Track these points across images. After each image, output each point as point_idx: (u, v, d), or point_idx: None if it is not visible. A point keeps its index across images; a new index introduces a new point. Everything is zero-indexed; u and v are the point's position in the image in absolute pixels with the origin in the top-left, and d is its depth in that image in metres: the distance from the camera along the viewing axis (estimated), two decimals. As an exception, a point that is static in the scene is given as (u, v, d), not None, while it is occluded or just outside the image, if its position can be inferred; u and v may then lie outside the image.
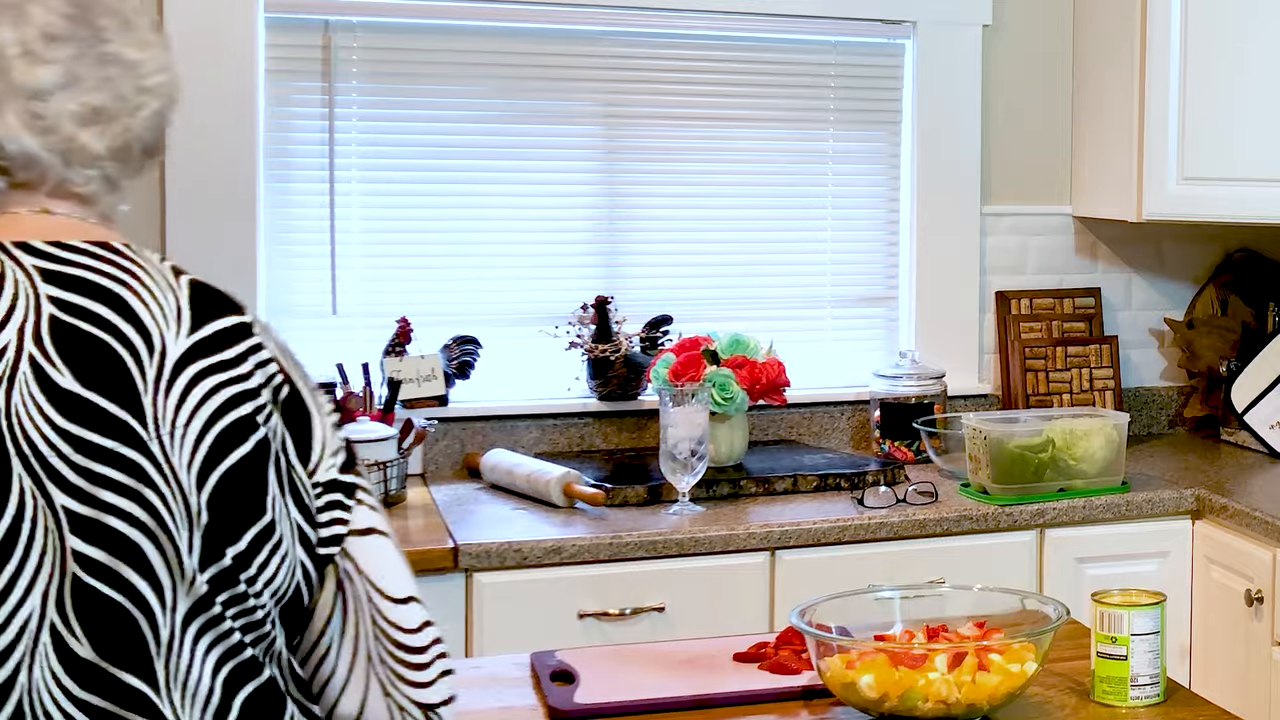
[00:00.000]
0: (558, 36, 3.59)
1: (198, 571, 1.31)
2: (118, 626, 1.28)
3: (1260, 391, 3.73)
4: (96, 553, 1.27)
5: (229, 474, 1.32)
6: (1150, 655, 1.99)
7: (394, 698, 1.43)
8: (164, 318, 1.34)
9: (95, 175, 1.40)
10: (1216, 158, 3.56)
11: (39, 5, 1.36)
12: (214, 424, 1.32)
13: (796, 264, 3.82)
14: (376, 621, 1.42)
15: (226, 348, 1.36)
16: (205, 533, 1.31)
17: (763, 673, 2.08)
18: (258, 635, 1.36)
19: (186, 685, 1.31)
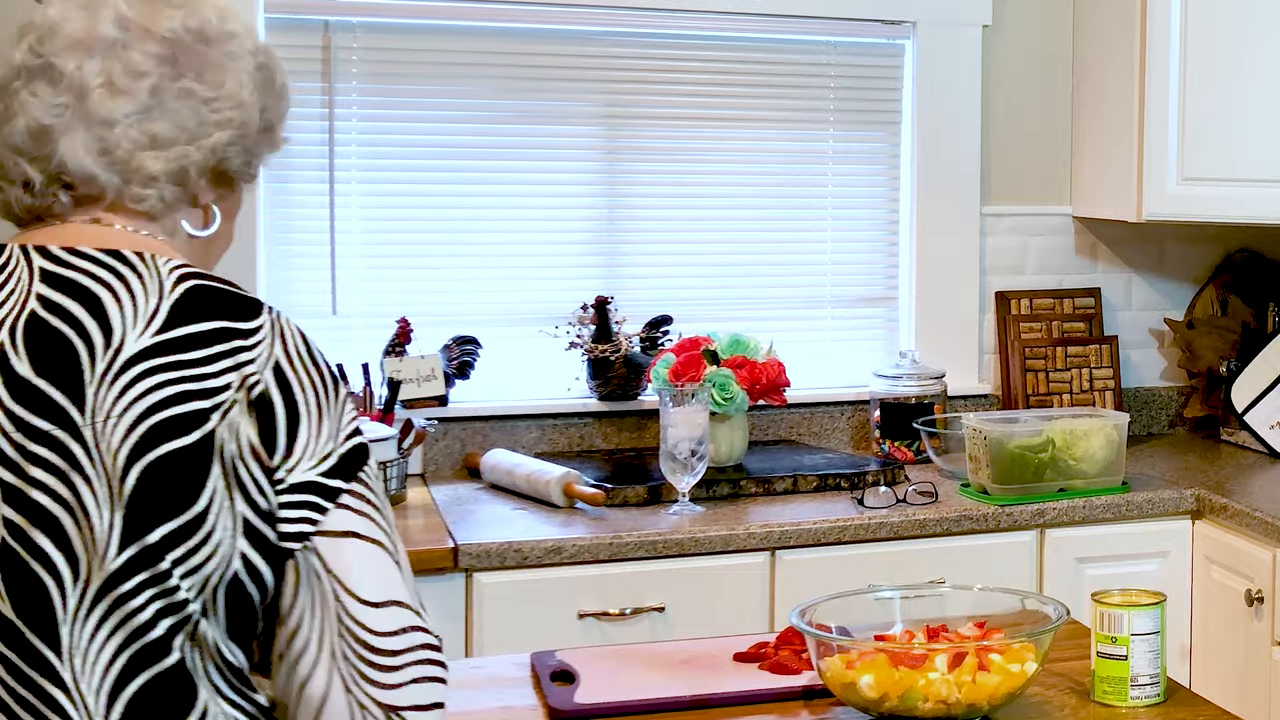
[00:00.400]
0: (557, 36, 3.59)
1: (116, 550, 1.39)
2: (31, 590, 1.39)
3: (1260, 391, 3.73)
4: (20, 520, 1.39)
5: (157, 463, 1.40)
6: (1150, 655, 1.99)
7: (355, 695, 1.46)
8: (133, 318, 1.44)
9: (152, 194, 1.52)
10: (1216, 158, 3.56)
11: (137, 50, 1.50)
12: (150, 416, 1.40)
13: (796, 264, 3.82)
14: (342, 619, 1.46)
15: (195, 349, 1.44)
16: (126, 515, 1.39)
17: (763, 673, 2.08)
18: (178, 619, 1.41)
19: (88, 655, 1.39)
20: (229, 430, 1.42)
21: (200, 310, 1.46)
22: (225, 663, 1.46)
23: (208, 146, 1.54)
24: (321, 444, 1.47)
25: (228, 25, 1.56)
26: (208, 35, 1.54)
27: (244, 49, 1.57)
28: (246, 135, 1.57)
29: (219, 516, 1.42)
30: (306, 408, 1.47)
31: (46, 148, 1.49)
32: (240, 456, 1.43)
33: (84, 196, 1.51)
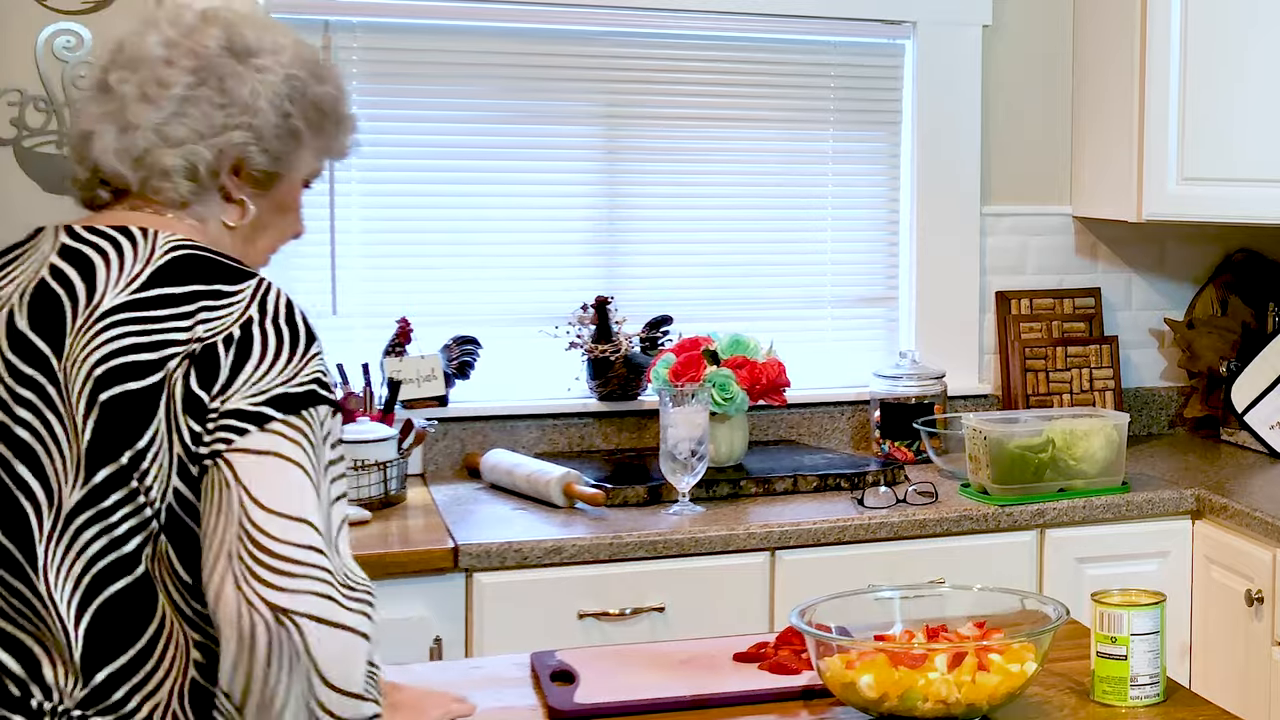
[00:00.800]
0: (558, 36, 3.59)
1: (79, 477, 1.60)
2: (14, 514, 1.61)
3: (1260, 391, 3.73)
4: (7, 453, 1.62)
5: (109, 403, 1.60)
6: (1150, 655, 1.99)
7: (244, 591, 1.53)
8: (117, 280, 1.66)
9: (168, 186, 1.74)
10: (1216, 158, 3.56)
11: (175, 69, 1.74)
12: (106, 362, 1.61)
13: (796, 264, 3.82)
14: (242, 523, 1.56)
15: (164, 307, 1.63)
16: (87, 448, 1.60)
17: (763, 673, 2.08)
18: (145, 535, 1.61)
19: (60, 570, 1.60)
20: (182, 375, 1.60)
21: (181, 275, 1.66)
22: (179, 579, 1.61)
23: (217, 146, 1.74)
24: (264, 383, 1.61)
25: (264, 43, 1.78)
26: (238, 51, 1.76)
27: (277, 63, 1.77)
28: (262, 138, 1.76)
29: (161, 449, 1.60)
30: (260, 354, 1.62)
31: (87, 150, 1.75)
32: (189, 393, 1.60)
33: (118, 190, 1.75)
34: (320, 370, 1.65)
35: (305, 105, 1.80)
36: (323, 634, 1.54)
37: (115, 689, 1.61)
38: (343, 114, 1.86)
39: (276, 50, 1.79)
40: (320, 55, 1.85)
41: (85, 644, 1.60)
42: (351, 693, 1.57)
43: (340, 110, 1.86)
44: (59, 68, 3.22)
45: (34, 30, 3.20)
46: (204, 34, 1.76)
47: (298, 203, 1.86)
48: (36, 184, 3.22)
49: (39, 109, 3.21)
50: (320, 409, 1.63)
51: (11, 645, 1.62)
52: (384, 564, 2.76)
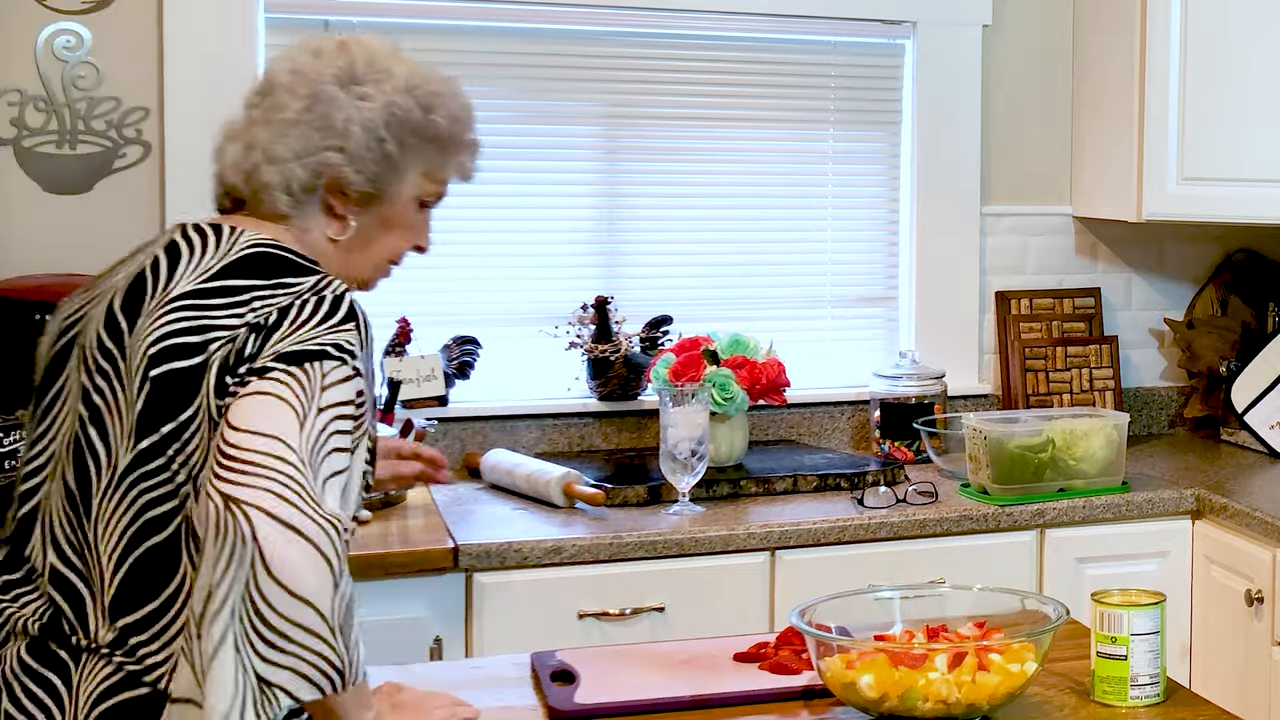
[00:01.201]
0: (558, 36, 3.59)
1: (134, 441, 1.78)
2: (82, 468, 1.82)
3: (1260, 391, 3.73)
4: (86, 415, 1.83)
5: (160, 379, 1.78)
6: (1150, 655, 1.99)
7: (205, 490, 1.68)
8: (193, 271, 1.85)
9: (267, 199, 1.94)
10: (1216, 158, 3.56)
11: (293, 95, 1.95)
12: (161, 342, 1.79)
13: (796, 264, 3.82)
14: (217, 445, 1.70)
15: (223, 296, 1.81)
16: (138, 416, 1.79)
17: (763, 673, 2.08)
18: (176, 502, 1.78)
19: (108, 525, 1.79)
20: (227, 355, 1.77)
21: (247, 270, 1.84)
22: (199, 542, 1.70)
23: (312, 166, 1.93)
24: (282, 345, 1.76)
25: (372, 72, 1.97)
26: (346, 80, 1.95)
27: (379, 91, 1.95)
28: (355, 161, 1.94)
29: (202, 427, 1.77)
30: (290, 322, 1.78)
31: (218, 163, 1.99)
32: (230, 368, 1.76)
33: (237, 200, 1.97)
34: (346, 340, 1.78)
35: (403, 132, 1.96)
36: (272, 529, 1.61)
37: (136, 634, 1.78)
38: (453, 140, 2.01)
39: (383, 79, 1.96)
40: (438, 85, 2.00)
41: (116, 592, 1.78)
42: (300, 595, 1.61)
43: (449, 137, 2.00)
44: (59, 68, 3.22)
45: (34, 30, 3.20)
46: (327, 63, 1.96)
47: (409, 220, 2.03)
48: (36, 184, 3.22)
49: (39, 109, 3.21)
50: (326, 363, 1.75)
51: (66, 588, 1.82)
52: (384, 564, 2.76)
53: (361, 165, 1.95)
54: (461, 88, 2.08)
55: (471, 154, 2.07)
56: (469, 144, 2.06)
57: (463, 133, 2.04)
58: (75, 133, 3.23)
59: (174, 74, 3.27)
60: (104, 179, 3.26)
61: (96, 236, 3.23)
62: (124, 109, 3.26)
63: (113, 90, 3.26)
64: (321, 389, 1.73)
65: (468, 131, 2.05)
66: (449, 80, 2.07)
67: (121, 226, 3.25)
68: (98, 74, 3.24)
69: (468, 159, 2.07)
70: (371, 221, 2.00)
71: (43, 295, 2.95)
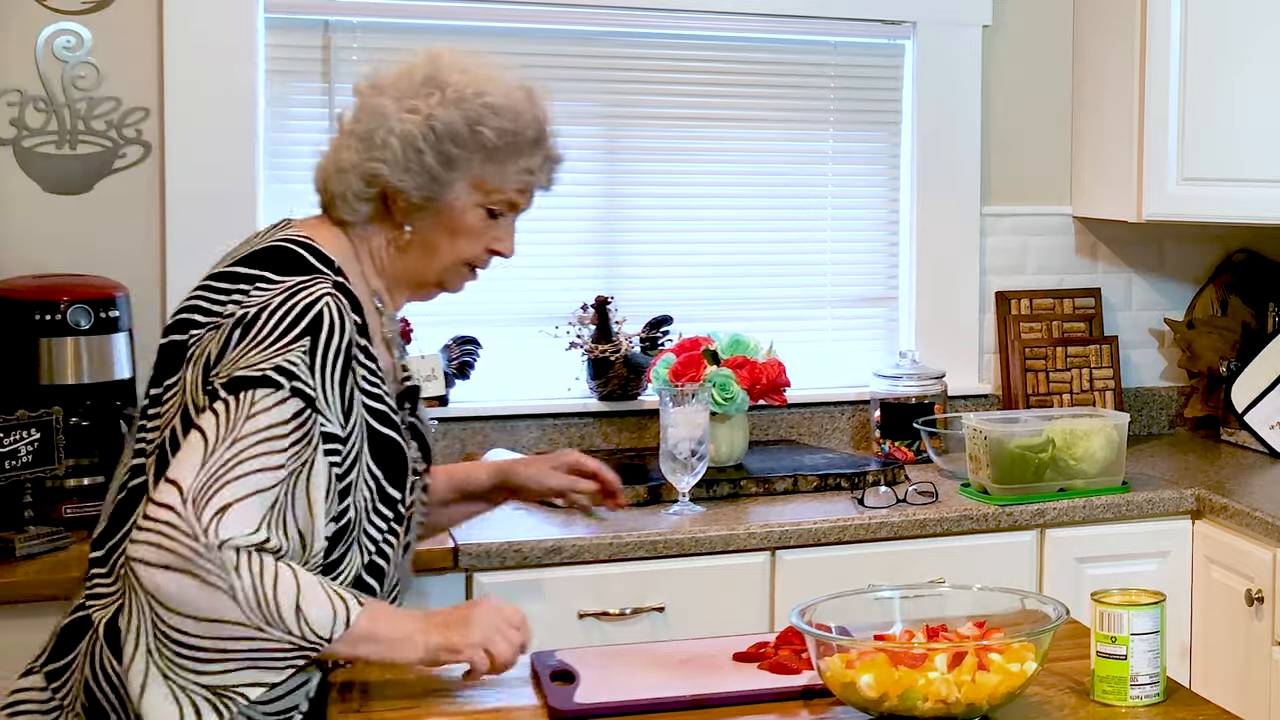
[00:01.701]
0: (558, 37, 3.59)
1: (145, 397, 2.05)
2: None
3: (1260, 391, 3.72)
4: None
5: (164, 346, 2.04)
6: (1150, 655, 1.99)
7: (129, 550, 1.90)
8: (230, 257, 2.08)
9: (334, 205, 2.13)
10: (1216, 158, 3.56)
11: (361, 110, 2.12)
12: (176, 315, 2.05)
13: (796, 264, 3.82)
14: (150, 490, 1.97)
15: (227, 282, 2.03)
16: (150, 377, 2.05)
17: (763, 672, 2.08)
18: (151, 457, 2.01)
19: (123, 460, 2.07)
20: (203, 339, 1.99)
21: (261, 262, 2.03)
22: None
23: (362, 176, 2.07)
24: (239, 362, 1.93)
25: (429, 85, 2.07)
26: (403, 94, 2.08)
27: (426, 105, 2.06)
28: (399, 171, 2.06)
29: (174, 398, 1.99)
30: (253, 337, 1.95)
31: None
32: (206, 358, 1.97)
33: (324, 203, 2.15)
34: (289, 360, 1.93)
35: (445, 144, 2.06)
36: (154, 574, 1.85)
37: (98, 566, 2.02)
38: (505, 151, 2.08)
39: (434, 92, 2.07)
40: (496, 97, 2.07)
41: (102, 529, 2.04)
42: (204, 618, 1.85)
43: (499, 149, 2.07)
44: (59, 68, 3.22)
45: (34, 30, 3.20)
46: (399, 75, 2.09)
47: (473, 227, 2.11)
48: (36, 184, 3.22)
49: (39, 109, 3.21)
50: (258, 392, 1.91)
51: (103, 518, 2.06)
52: (384, 564, 2.75)
53: (405, 176, 2.06)
54: (531, 99, 2.12)
55: (534, 164, 2.12)
56: (528, 154, 2.11)
57: (519, 144, 2.09)
58: (75, 133, 3.23)
59: (174, 74, 3.27)
60: (104, 179, 3.26)
61: (96, 236, 3.23)
62: (124, 109, 3.26)
63: (113, 90, 3.26)
64: (246, 417, 1.90)
65: (526, 143, 2.10)
66: (514, 92, 2.11)
67: (121, 226, 3.26)
68: (98, 74, 3.24)
69: (529, 169, 2.12)
70: (431, 228, 2.11)
71: (43, 295, 2.95)
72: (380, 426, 2.06)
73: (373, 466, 2.05)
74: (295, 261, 2.03)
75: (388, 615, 1.98)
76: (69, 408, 2.88)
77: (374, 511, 2.06)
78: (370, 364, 2.05)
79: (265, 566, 1.87)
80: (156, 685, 1.86)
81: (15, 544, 2.71)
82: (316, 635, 1.89)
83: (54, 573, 2.67)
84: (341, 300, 2.01)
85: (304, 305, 1.96)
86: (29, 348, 2.92)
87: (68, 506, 2.91)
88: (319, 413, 1.95)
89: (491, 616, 2.02)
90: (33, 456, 2.76)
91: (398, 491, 2.09)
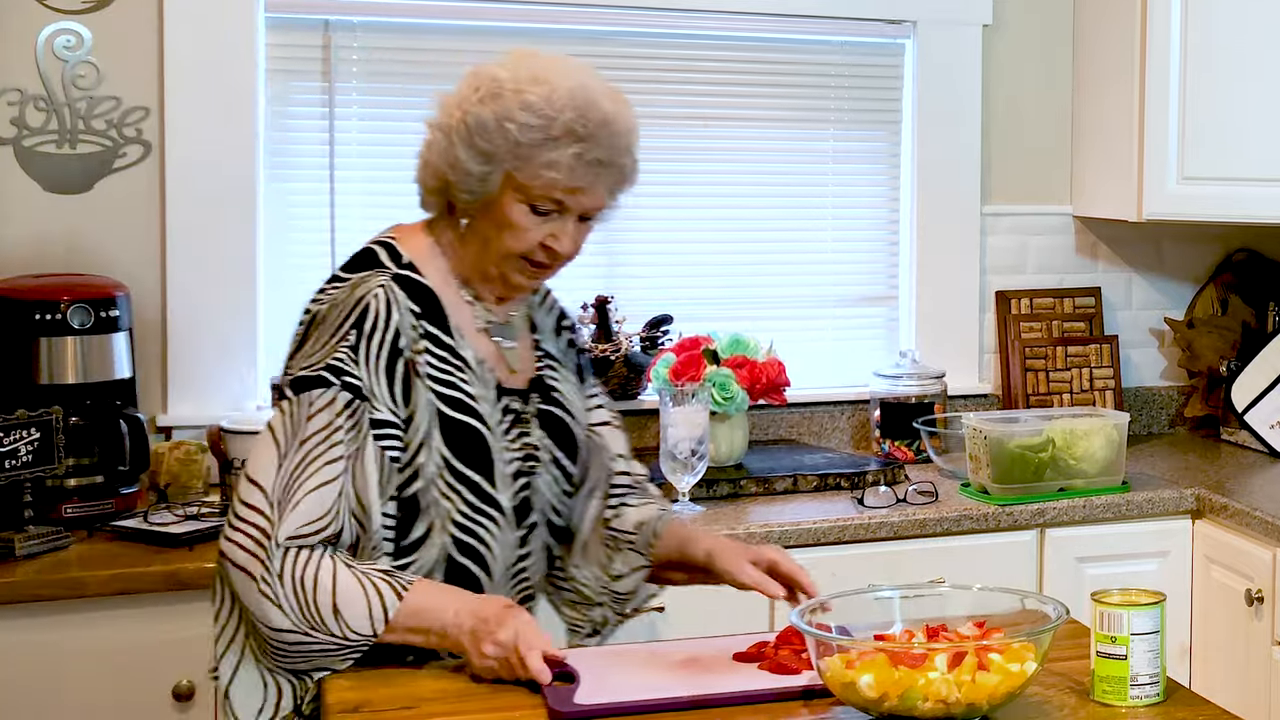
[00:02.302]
0: (558, 37, 3.58)
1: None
2: None
3: (1260, 391, 3.73)
4: None
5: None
6: (1150, 655, 1.99)
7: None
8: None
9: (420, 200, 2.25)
10: (1216, 158, 3.56)
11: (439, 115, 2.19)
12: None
13: (797, 264, 3.82)
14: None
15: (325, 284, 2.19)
16: None
17: (762, 673, 2.08)
18: None
19: None
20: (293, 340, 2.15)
21: (345, 263, 2.20)
22: None
23: (429, 174, 2.18)
24: (301, 361, 2.09)
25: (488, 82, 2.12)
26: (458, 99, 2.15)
27: (473, 102, 2.11)
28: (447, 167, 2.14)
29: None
30: (315, 337, 2.10)
31: None
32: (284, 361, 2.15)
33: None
34: (336, 358, 2.06)
35: (477, 141, 2.10)
36: (238, 579, 2.02)
37: None
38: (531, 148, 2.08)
39: (484, 88, 2.11)
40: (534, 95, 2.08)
41: None
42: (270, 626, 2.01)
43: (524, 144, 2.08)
44: (59, 67, 3.22)
45: (34, 30, 3.20)
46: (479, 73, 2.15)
47: (516, 222, 2.13)
48: (36, 183, 3.22)
49: (39, 109, 3.21)
50: (314, 392, 2.04)
51: None
52: (384, 564, 2.75)
53: (451, 171, 2.14)
54: (579, 99, 2.10)
55: (558, 162, 2.09)
56: (552, 151, 2.09)
57: (545, 142, 2.09)
58: (75, 132, 3.23)
59: (174, 73, 3.27)
60: (104, 179, 3.26)
61: (96, 236, 3.23)
62: (124, 108, 3.26)
63: (113, 90, 3.26)
64: (307, 418, 2.04)
65: (552, 140, 2.09)
66: (561, 92, 2.10)
67: (121, 226, 3.25)
68: (98, 73, 3.24)
69: (552, 167, 2.09)
70: (483, 222, 2.16)
71: (43, 295, 2.95)
72: (453, 412, 2.12)
73: (444, 450, 2.11)
74: (368, 260, 2.17)
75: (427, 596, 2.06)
76: (69, 407, 2.88)
77: (454, 494, 2.12)
78: (439, 350, 2.12)
79: (308, 569, 2.01)
80: (246, 673, 2.09)
81: (15, 544, 2.71)
82: (358, 633, 2.02)
83: (54, 573, 2.67)
84: (395, 292, 2.11)
85: (355, 300, 2.09)
86: (29, 347, 2.92)
87: (67, 506, 2.91)
88: (367, 401, 2.06)
89: (524, 628, 2.03)
90: (32, 456, 2.76)
91: (480, 476, 2.14)
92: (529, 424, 2.23)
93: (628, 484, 2.42)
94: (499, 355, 2.23)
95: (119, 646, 2.69)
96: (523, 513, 2.22)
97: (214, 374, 3.30)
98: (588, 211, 2.19)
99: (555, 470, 2.27)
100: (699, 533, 2.34)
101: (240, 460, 3.06)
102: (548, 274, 2.24)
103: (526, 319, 2.32)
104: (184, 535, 2.81)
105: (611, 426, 2.43)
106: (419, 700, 2.00)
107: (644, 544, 2.32)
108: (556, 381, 2.30)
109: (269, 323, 3.38)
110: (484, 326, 2.22)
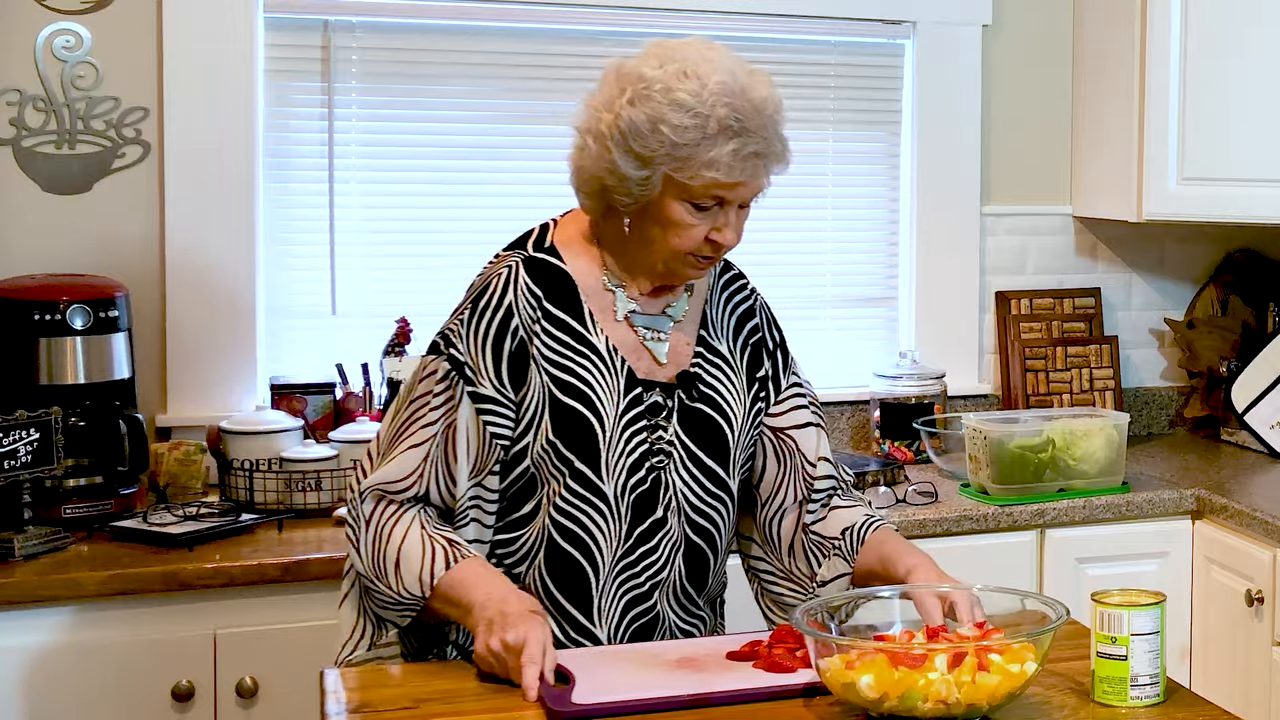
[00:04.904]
0: (558, 36, 3.58)
1: None
2: None
3: (1260, 391, 3.72)
4: None
5: None
6: (1150, 655, 1.99)
7: None
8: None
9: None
10: (1216, 158, 3.56)
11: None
12: None
13: (796, 264, 3.82)
14: None
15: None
16: None
17: (758, 671, 2.08)
18: None
19: None
20: None
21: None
22: None
23: (588, 173, 2.16)
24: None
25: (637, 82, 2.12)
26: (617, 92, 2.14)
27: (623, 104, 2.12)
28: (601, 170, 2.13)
29: None
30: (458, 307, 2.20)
31: None
32: None
33: None
34: (449, 327, 2.16)
35: (630, 143, 2.09)
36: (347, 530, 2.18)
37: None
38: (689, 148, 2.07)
39: (633, 88, 2.10)
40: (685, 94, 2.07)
41: None
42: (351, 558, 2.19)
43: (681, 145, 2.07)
44: (59, 68, 3.22)
45: (34, 30, 3.20)
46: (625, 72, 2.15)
47: (679, 219, 2.12)
48: (36, 184, 3.22)
49: (38, 109, 3.21)
50: (428, 357, 2.16)
51: None
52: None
53: (607, 175, 2.13)
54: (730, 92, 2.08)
55: (720, 159, 2.08)
56: (712, 149, 2.08)
57: (703, 141, 2.08)
58: (75, 132, 3.23)
59: (174, 74, 3.27)
60: (103, 179, 3.26)
61: (96, 236, 3.23)
62: (123, 109, 3.26)
63: (112, 90, 3.26)
64: (418, 380, 2.16)
65: (710, 139, 2.08)
66: (710, 86, 2.08)
67: (121, 226, 3.25)
68: (97, 74, 3.24)
69: (714, 166, 2.09)
70: (645, 222, 2.15)
71: (43, 295, 2.95)
72: (564, 396, 2.14)
73: (550, 434, 2.13)
74: (520, 240, 2.24)
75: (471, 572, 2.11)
76: (68, 408, 2.88)
77: (557, 476, 2.15)
78: (560, 334, 2.15)
79: (388, 522, 2.13)
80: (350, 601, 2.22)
81: (14, 544, 2.71)
82: (409, 591, 2.11)
83: (53, 573, 2.67)
84: (520, 273, 2.16)
85: (484, 276, 2.20)
86: (28, 347, 2.92)
87: (67, 506, 2.91)
88: (465, 374, 2.13)
89: (533, 639, 2.01)
90: (32, 456, 2.76)
91: (584, 463, 2.15)
92: (666, 418, 2.21)
93: (829, 488, 2.35)
94: (640, 346, 2.21)
95: (119, 646, 2.69)
96: (643, 508, 2.19)
97: (213, 374, 3.30)
98: (747, 199, 2.19)
99: (694, 468, 2.23)
100: (902, 549, 2.27)
101: (240, 460, 3.06)
102: (713, 263, 2.23)
103: (700, 313, 2.29)
104: (183, 536, 2.81)
105: (812, 428, 2.36)
106: (419, 700, 2.00)
107: (849, 551, 2.29)
108: (713, 379, 2.26)
109: (269, 323, 3.38)
110: (627, 314, 2.21)
